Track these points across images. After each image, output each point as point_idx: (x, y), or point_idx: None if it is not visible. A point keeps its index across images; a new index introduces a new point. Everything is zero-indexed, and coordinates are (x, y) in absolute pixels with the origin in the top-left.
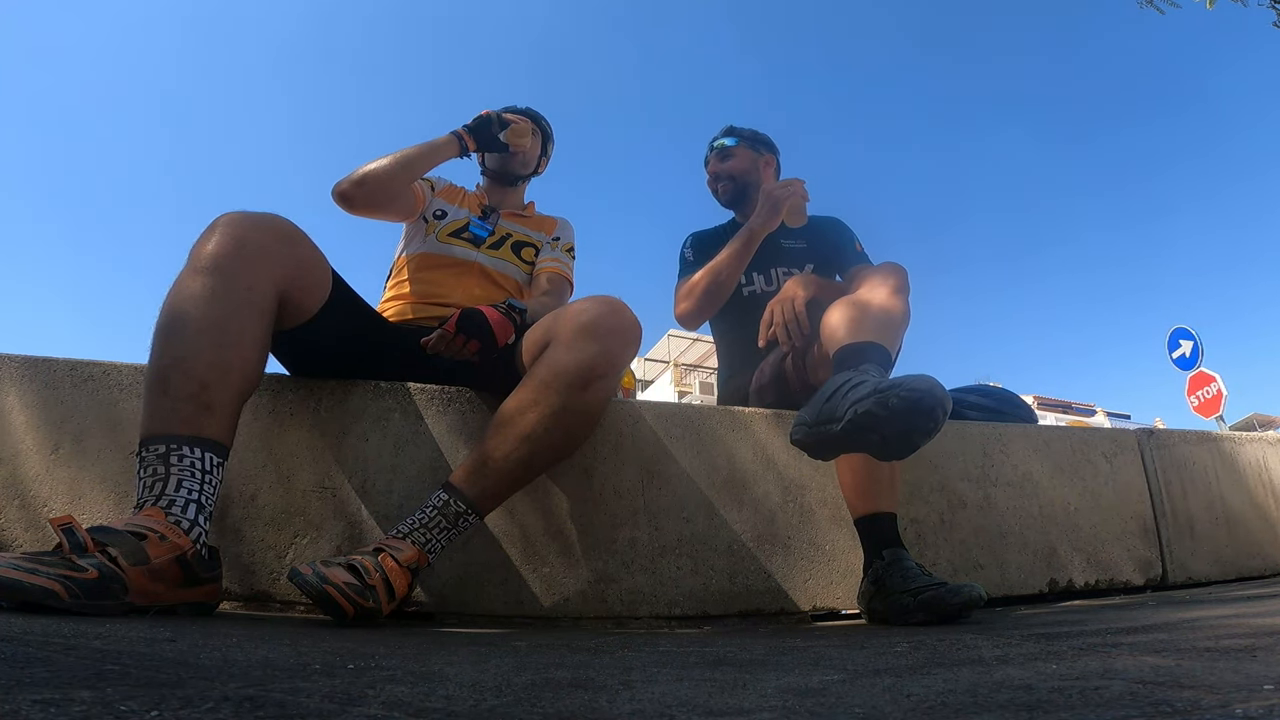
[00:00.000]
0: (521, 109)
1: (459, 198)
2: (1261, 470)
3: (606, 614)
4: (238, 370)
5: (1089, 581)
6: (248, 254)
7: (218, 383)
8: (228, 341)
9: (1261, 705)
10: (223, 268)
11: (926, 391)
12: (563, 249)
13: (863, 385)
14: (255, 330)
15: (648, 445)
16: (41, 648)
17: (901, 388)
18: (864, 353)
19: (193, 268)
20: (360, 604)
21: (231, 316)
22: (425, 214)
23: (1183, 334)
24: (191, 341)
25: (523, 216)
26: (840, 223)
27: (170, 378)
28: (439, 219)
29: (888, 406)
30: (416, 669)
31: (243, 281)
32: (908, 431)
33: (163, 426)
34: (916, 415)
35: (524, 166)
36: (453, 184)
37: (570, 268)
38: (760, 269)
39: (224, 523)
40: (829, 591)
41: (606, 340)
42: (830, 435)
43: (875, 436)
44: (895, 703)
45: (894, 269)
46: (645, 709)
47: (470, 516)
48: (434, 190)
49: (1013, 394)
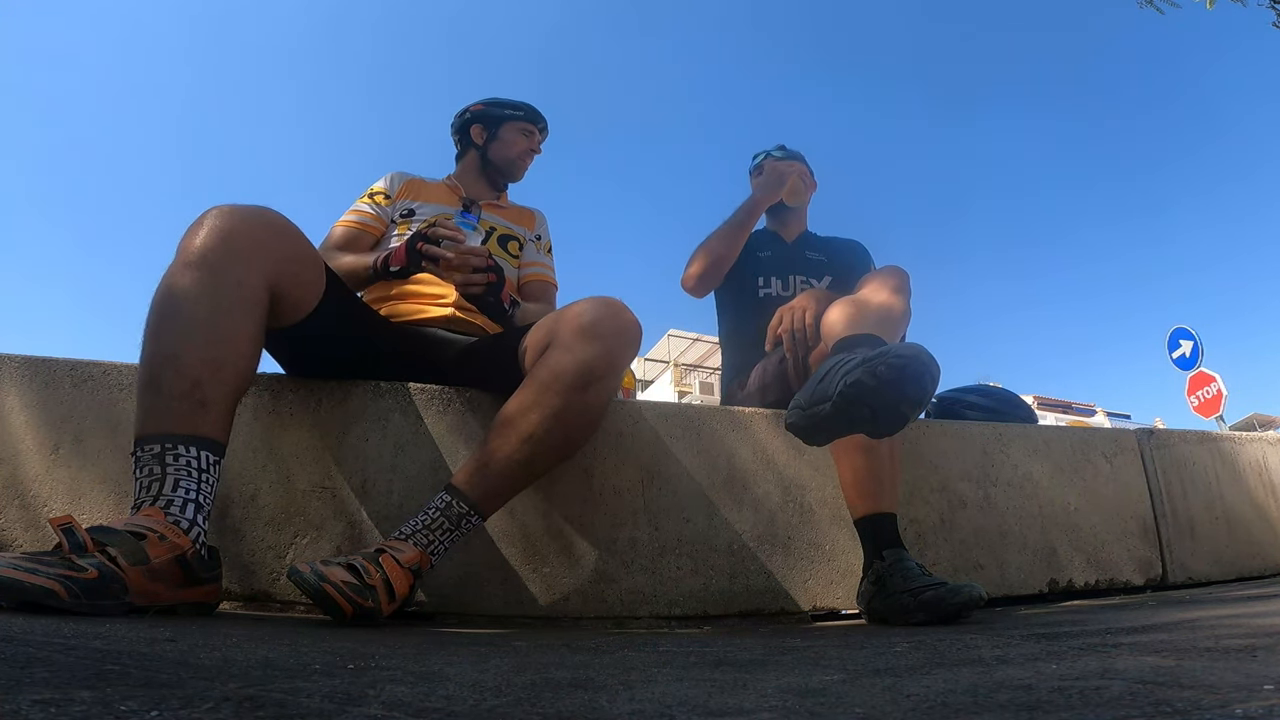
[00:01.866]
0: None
1: (429, 191)
2: (1261, 470)
3: (606, 614)
4: (230, 366)
5: (1089, 581)
6: (237, 247)
7: (211, 380)
8: (219, 338)
9: (1261, 705)
10: (211, 262)
11: (913, 357)
12: (544, 249)
13: (853, 360)
14: (247, 325)
15: (648, 445)
16: (41, 648)
17: (889, 354)
18: (860, 342)
19: (181, 262)
20: (359, 604)
21: (222, 312)
22: (392, 216)
23: (1183, 334)
24: (182, 338)
25: (500, 207)
26: (861, 246)
27: (162, 376)
28: (408, 217)
29: (876, 375)
30: (416, 669)
31: (232, 276)
32: (897, 401)
33: (157, 426)
34: (905, 382)
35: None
36: (418, 177)
37: (553, 269)
38: (780, 274)
39: (224, 523)
40: (829, 591)
41: (606, 341)
42: (823, 415)
43: (866, 410)
44: (895, 703)
45: (895, 271)
46: (645, 709)
47: (472, 518)
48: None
49: (1013, 394)
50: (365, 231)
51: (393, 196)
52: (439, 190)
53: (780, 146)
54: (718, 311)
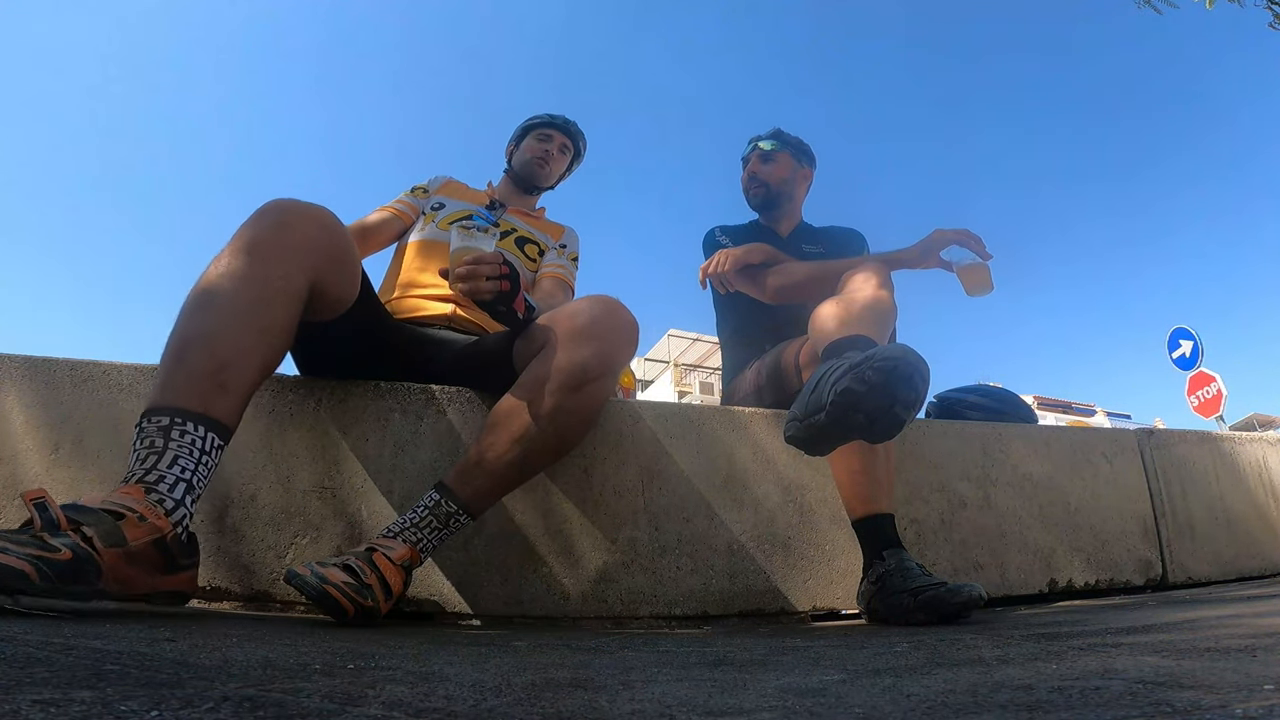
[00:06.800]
0: (560, 120)
1: (463, 194)
2: (1261, 470)
3: (606, 614)
4: (260, 356)
5: (1089, 581)
6: (291, 241)
7: (238, 364)
8: (257, 325)
9: (1261, 705)
10: (263, 251)
11: (901, 359)
12: (568, 256)
13: (840, 367)
14: (285, 319)
15: (648, 445)
16: (41, 648)
17: (875, 358)
18: (849, 344)
19: (234, 247)
20: (360, 603)
21: (264, 301)
22: (423, 209)
23: (1183, 334)
24: (219, 318)
25: (530, 216)
26: (858, 234)
27: (190, 350)
28: (437, 210)
29: (864, 380)
30: (416, 669)
31: (280, 268)
32: (889, 405)
33: (171, 399)
34: (895, 384)
35: (548, 179)
36: (460, 182)
37: (573, 275)
38: None
39: (224, 523)
40: (829, 591)
41: (602, 341)
42: (819, 425)
43: (860, 416)
44: (895, 703)
45: (877, 266)
46: (645, 709)
47: (461, 517)
48: (428, 192)
49: (1013, 394)
50: (397, 217)
51: (430, 192)
52: (475, 194)
53: (776, 131)
54: (717, 311)
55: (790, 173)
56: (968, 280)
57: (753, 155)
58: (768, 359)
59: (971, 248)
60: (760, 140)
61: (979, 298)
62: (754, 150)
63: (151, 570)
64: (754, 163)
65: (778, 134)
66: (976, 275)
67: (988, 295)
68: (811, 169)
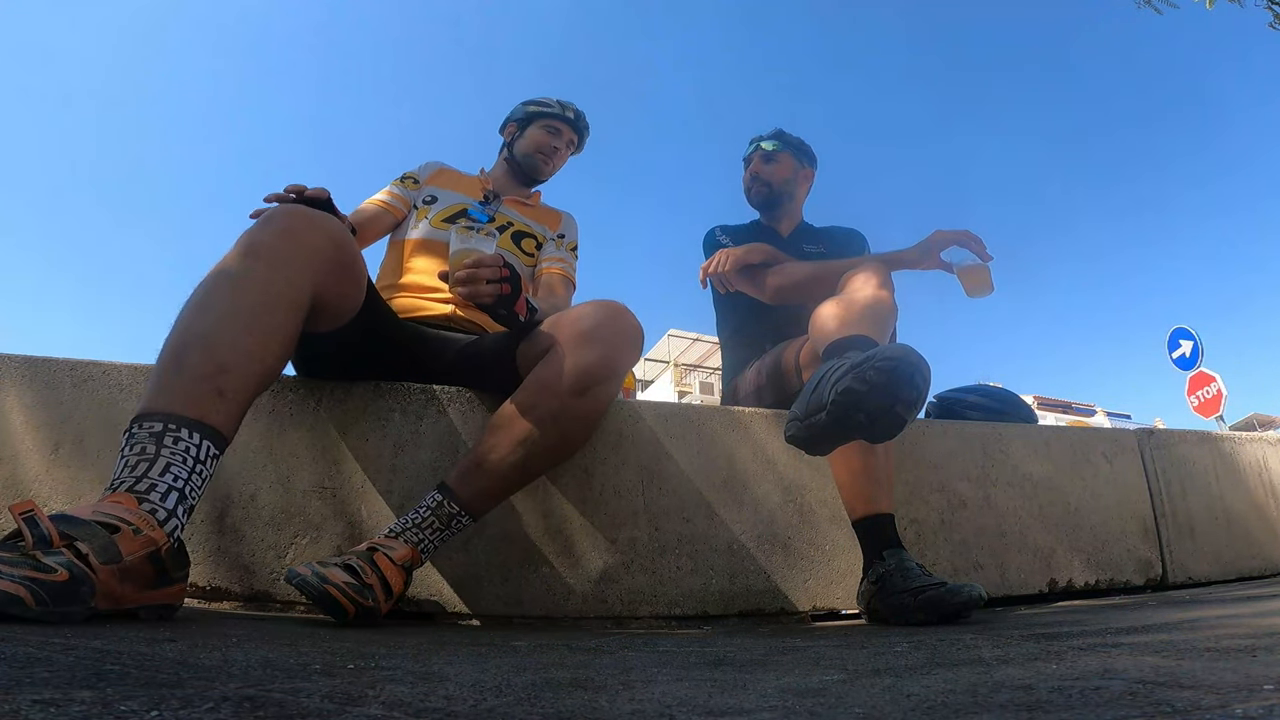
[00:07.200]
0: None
1: (456, 182)
2: (1261, 470)
3: (606, 614)
4: (260, 361)
5: (1089, 581)
6: (298, 248)
7: (237, 369)
8: (258, 329)
9: (1261, 705)
10: (270, 256)
11: (901, 359)
12: (567, 247)
13: (841, 367)
14: (288, 325)
15: (648, 445)
16: (41, 648)
17: (876, 358)
18: (849, 344)
19: (240, 250)
20: (360, 603)
21: (267, 306)
22: (415, 203)
23: (1183, 334)
24: (221, 321)
25: (526, 205)
26: (859, 234)
27: (188, 353)
28: (430, 204)
29: (865, 380)
30: (416, 669)
31: (284, 273)
32: (890, 404)
33: (165, 403)
34: (896, 384)
35: (549, 174)
36: (451, 168)
37: (574, 268)
38: None
39: (224, 523)
40: (829, 591)
41: (606, 346)
42: (820, 425)
43: (861, 416)
44: (895, 703)
45: (878, 266)
46: (645, 709)
47: (463, 518)
48: (418, 182)
49: (1013, 394)
50: (388, 211)
51: (421, 182)
52: (468, 182)
53: (778, 131)
54: (718, 311)
55: (792, 173)
56: (968, 281)
57: (755, 155)
58: (768, 359)
59: (972, 249)
60: (762, 140)
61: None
62: (756, 150)
63: (143, 585)
64: (756, 162)
65: (780, 134)
66: (977, 276)
67: (988, 296)
68: (813, 169)
